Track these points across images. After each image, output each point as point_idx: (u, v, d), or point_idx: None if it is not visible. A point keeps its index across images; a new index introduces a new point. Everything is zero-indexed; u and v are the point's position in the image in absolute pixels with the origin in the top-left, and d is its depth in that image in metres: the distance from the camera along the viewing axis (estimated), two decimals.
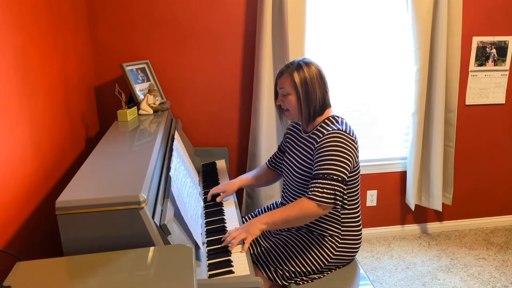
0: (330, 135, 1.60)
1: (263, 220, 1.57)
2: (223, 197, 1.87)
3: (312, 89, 1.64)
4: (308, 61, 1.69)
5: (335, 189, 1.55)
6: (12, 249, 1.25)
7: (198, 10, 2.35)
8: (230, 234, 1.54)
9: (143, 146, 1.61)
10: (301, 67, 1.66)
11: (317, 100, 1.66)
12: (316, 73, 1.66)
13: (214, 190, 1.89)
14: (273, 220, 1.58)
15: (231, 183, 1.92)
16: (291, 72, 1.66)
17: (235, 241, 1.51)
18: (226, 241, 1.52)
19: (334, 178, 1.55)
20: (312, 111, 1.67)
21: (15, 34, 1.38)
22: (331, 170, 1.55)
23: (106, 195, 1.16)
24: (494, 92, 2.78)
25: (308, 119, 1.69)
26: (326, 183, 1.55)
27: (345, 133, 1.60)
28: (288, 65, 1.70)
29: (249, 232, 1.54)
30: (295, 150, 1.80)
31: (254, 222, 1.58)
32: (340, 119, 1.69)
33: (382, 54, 2.65)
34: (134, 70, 2.20)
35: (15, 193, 1.32)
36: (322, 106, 1.69)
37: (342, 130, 1.61)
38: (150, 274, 1.02)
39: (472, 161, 2.92)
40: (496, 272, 2.53)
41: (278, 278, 1.70)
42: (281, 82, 1.70)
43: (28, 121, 1.44)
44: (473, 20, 2.62)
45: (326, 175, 1.55)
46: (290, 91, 1.67)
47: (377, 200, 2.90)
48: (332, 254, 1.71)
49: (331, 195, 1.54)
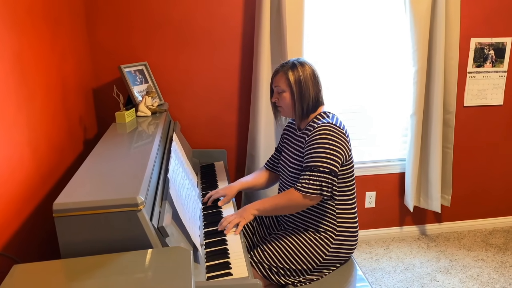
0: (319, 128, 1.67)
1: (256, 207, 1.71)
2: (224, 201, 1.86)
3: (305, 87, 1.71)
4: (302, 61, 1.76)
5: (321, 180, 1.61)
6: (9, 252, 1.25)
7: (196, 12, 2.35)
8: (225, 219, 1.67)
9: (141, 148, 1.61)
10: (295, 66, 1.73)
11: (310, 98, 1.73)
12: (309, 72, 1.73)
13: (214, 195, 1.88)
14: (264, 206, 1.71)
15: (231, 187, 1.91)
16: (286, 70, 1.73)
17: (230, 225, 1.64)
18: (222, 225, 1.65)
19: (321, 169, 1.61)
20: (305, 108, 1.74)
21: (13, 36, 1.38)
22: (319, 162, 1.62)
23: (104, 197, 1.16)
24: (492, 93, 2.79)
25: (302, 115, 1.75)
26: (313, 175, 1.62)
27: (335, 126, 1.66)
28: (283, 64, 1.77)
29: (243, 217, 1.68)
30: (291, 148, 1.84)
31: (248, 208, 1.71)
32: (331, 115, 1.75)
33: (381, 56, 2.65)
34: (132, 72, 2.20)
35: (13, 195, 1.31)
36: (315, 104, 1.75)
37: (331, 123, 1.67)
38: (148, 277, 1.02)
39: (470, 162, 2.92)
40: (495, 274, 2.53)
41: (273, 276, 1.71)
42: (276, 80, 1.77)
43: (25, 123, 1.43)
44: (471, 22, 2.63)
45: (314, 167, 1.62)
46: (285, 89, 1.74)
47: (375, 201, 2.90)
48: (327, 250, 1.73)
49: (318, 186, 1.61)
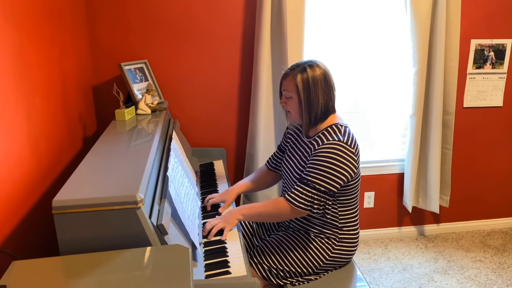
0: (329, 145, 1.57)
1: (242, 211, 1.65)
2: (225, 208, 1.82)
3: (314, 94, 1.61)
4: (314, 63, 1.64)
5: (314, 197, 1.56)
6: (8, 248, 1.25)
7: (197, 11, 2.35)
8: (209, 222, 1.62)
9: (140, 146, 1.61)
10: (305, 70, 1.61)
11: (319, 106, 1.62)
12: (320, 78, 1.61)
13: (213, 200, 1.83)
14: (250, 212, 1.65)
15: (230, 192, 1.86)
16: (295, 75, 1.62)
17: (214, 230, 1.59)
18: (206, 229, 1.60)
19: (316, 187, 1.55)
20: (313, 117, 1.64)
21: (13, 33, 1.38)
22: (317, 180, 1.56)
23: (103, 195, 1.16)
24: (492, 94, 2.79)
25: (309, 124, 1.66)
26: (308, 190, 1.56)
27: (346, 145, 1.57)
28: (293, 67, 1.66)
29: (228, 222, 1.62)
30: (296, 154, 1.78)
31: (233, 212, 1.65)
32: (344, 128, 1.64)
33: (381, 56, 2.65)
34: (132, 70, 2.20)
35: (12, 192, 1.31)
36: (324, 112, 1.65)
37: (343, 142, 1.57)
38: (147, 274, 1.02)
39: (469, 163, 2.93)
40: (493, 275, 2.53)
41: (272, 277, 1.70)
42: (285, 84, 1.68)
43: (25, 120, 1.43)
44: (472, 23, 2.63)
45: (310, 183, 1.56)
46: (292, 95, 1.65)
47: (374, 201, 2.90)
48: (328, 255, 1.71)
49: (309, 202, 1.56)
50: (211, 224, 1.62)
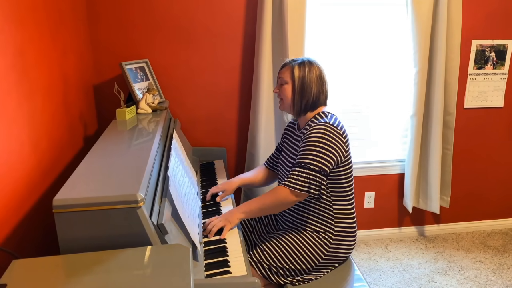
0: (315, 127, 1.66)
1: (242, 209, 1.67)
2: (222, 197, 1.89)
3: (308, 84, 1.71)
4: (312, 61, 1.76)
5: (310, 177, 1.59)
6: (8, 247, 1.25)
7: (198, 10, 2.35)
8: (210, 222, 1.65)
9: (141, 145, 1.61)
10: (303, 63, 1.73)
11: (312, 96, 1.72)
12: (317, 73, 1.73)
13: (213, 189, 1.90)
14: (250, 209, 1.67)
15: (230, 182, 1.93)
16: (293, 65, 1.74)
17: (215, 229, 1.61)
18: (207, 229, 1.62)
19: (310, 167, 1.60)
20: (304, 104, 1.73)
21: (14, 32, 1.38)
22: (310, 160, 1.60)
23: (103, 194, 1.16)
24: (493, 95, 2.79)
25: (299, 111, 1.75)
26: (302, 171, 1.60)
27: (332, 126, 1.65)
28: (293, 59, 1.78)
29: (228, 220, 1.64)
30: (289, 148, 1.85)
31: (234, 211, 1.67)
32: (330, 115, 1.74)
33: (382, 56, 2.65)
34: (133, 69, 2.20)
35: (13, 190, 1.32)
36: (315, 102, 1.74)
37: (329, 123, 1.66)
38: (147, 274, 1.02)
39: (470, 164, 2.93)
40: (493, 275, 2.53)
41: (272, 276, 1.71)
42: (281, 72, 1.78)
43: (26, 119, 1.43)
44: (473, 24, 2.63)
45: (304, 164, 1.61)
46: (288, 80, 1.74)
47: (374, 202, 2.90)
48: (326, 251, 1.73)
49: (305, 183, 1.59)
50: (211, 223, 1.64)
